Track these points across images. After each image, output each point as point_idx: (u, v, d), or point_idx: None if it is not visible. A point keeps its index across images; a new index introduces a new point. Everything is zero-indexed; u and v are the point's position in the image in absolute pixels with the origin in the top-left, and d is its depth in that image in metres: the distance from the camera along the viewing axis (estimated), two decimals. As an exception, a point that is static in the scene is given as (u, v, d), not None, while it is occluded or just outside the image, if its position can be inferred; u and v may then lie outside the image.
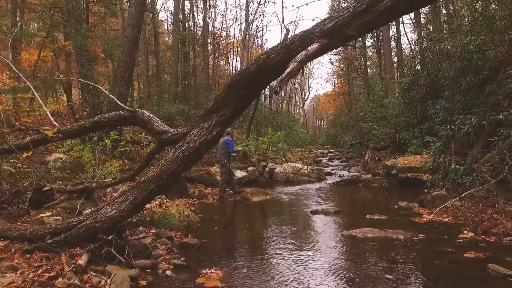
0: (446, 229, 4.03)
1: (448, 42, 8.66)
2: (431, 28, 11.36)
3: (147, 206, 4.23)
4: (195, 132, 2.92)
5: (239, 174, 9.98)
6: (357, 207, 5.75)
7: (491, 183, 4.65)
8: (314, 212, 5.25)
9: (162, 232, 3.73)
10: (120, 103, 3.49)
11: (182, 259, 3.13)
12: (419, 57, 11.85)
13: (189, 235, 3.97)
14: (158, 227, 4.04)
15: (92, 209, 3.20)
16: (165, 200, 4.80)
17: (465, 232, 3.73)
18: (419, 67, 12.33)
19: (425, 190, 7.41)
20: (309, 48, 2.40)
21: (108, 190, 4.87)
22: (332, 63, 35.02)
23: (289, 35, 2.65)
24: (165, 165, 2.87)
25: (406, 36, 31.27)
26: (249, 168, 11.12)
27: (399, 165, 8.61)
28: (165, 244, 3.50)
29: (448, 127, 6.06)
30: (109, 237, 2.59)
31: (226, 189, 7.47)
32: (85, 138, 6.93)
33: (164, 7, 35.01)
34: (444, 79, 8.89)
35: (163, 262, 3.01)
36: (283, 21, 30.98)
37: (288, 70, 2.22)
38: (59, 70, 9.11)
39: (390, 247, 3.39)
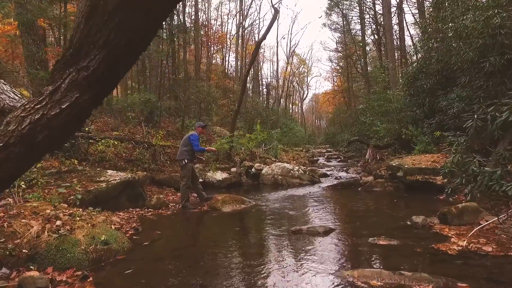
0: (496, 268, 2.56)
1: (466, 17, 7.18)
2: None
3: (33, 228, 2.76)
4: (27, 105, 1.45)
5: (219, 176, 8.56)
6: (356, 223, 4.28)
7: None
8: (297, 232, 3.79)
9: (29, 280, 2.24)
10: None
11: None
12: (426, 41, 10.35)
13: (89, 279, 2.50)
14: (44, 265, 2.57)
15: None
16: (77, 217, 3.32)
17: (534, 278, 2.28)
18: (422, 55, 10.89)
19: (440, 197, 5.97)
20: None
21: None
22: (331, 60, 33.61)
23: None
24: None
25: (408, 29, 29.70)
26: (232, 169, 9.69)
27: (406, 166, 7.14)
28: (27, 303, 2.03)
29: (475, 117, 4.61)
30: None
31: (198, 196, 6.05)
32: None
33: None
34: (460, 63, 7.42)
35: None
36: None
37: None
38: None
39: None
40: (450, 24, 7.45)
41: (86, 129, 7.59)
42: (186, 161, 5.55)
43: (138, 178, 5.82)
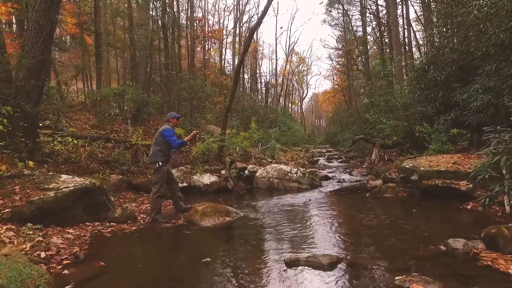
0: None
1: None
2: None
3: None
4: None
5: (206, 179, 7.51)
6: (370, 247, 3.22)
7: None
8: (293, 263, 2.74)
9: None
10: None
11: None
12: (439, 28, 9.29)
13: None
14: None
15: None
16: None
17: None
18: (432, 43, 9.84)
19: (467, 206, 4.93)
20: None
21: None
22: (331, 59, 32.58)
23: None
24: None
25: (412, 28, 28.63)
26: (223, 172, 8.64)
27: (422, 168, 6.10)
28: None
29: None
30: None
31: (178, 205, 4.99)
32: None
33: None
34: (485, 48, 6.37)
35: None
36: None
37: None
38: None
39: None
40: (474, 2, 6.37)
41: (42, 124, 6.50)
42: (160, 163, 4.48)
43: (100, 185, 4.74)
